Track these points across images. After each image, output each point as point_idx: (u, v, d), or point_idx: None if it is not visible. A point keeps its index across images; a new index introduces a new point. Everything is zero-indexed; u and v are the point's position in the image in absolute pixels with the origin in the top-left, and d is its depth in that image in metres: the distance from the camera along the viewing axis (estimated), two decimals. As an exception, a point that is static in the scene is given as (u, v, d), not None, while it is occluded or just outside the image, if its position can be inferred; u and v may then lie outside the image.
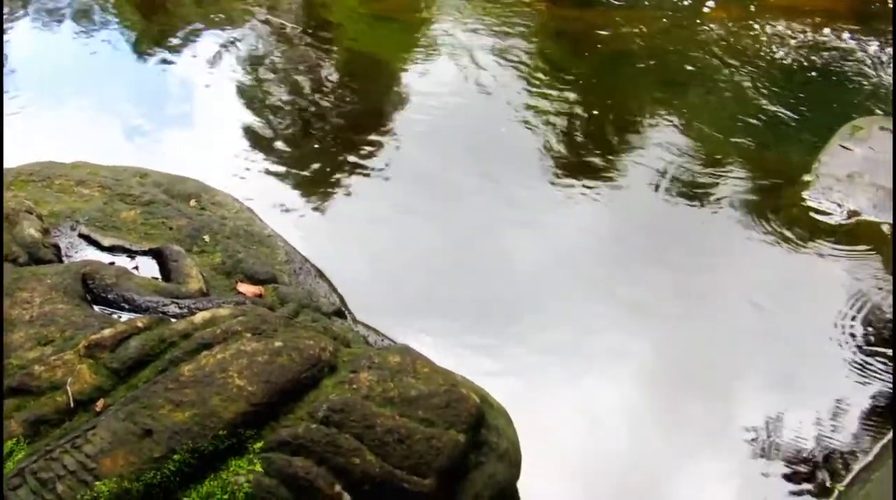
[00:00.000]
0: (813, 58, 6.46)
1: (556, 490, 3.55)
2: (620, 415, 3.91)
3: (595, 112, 5.86)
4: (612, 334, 4.25)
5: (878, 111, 5.86)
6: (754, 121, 5.77)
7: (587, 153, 5.50)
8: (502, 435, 3.11)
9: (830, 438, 3.81)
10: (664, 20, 6.91)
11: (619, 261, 4.68)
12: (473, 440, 2.96)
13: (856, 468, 3.62)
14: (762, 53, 6.47)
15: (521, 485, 3.28)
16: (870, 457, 3.65)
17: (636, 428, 3.88)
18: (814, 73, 6.33)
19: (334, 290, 4.19)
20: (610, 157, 5.46)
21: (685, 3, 7.13)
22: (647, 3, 7.19)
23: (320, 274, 4.23)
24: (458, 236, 4.80)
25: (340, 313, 3.90)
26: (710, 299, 4.47)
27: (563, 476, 3.60)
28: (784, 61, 6.43)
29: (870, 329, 4.30)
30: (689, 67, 6.34)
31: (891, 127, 5.50)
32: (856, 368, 4.10)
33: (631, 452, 3.78)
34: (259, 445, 2.72)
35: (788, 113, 5.88)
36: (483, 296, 4.41)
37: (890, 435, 3.71)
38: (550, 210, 5.01)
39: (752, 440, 3.81)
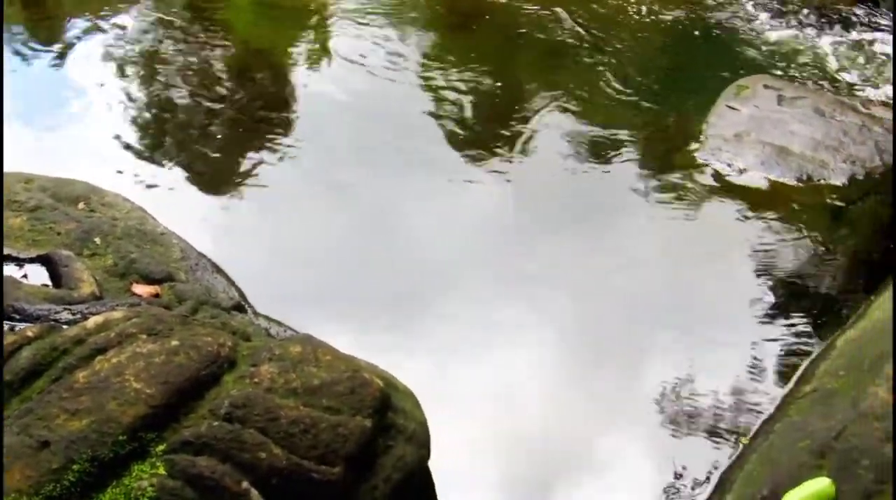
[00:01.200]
0: (697, 19, 6.56)
1: (468, 468, 3.57)
2: (530, 388, 3.93)
3: (498, 85, 5.87)
4: (518, 310, 4.28)
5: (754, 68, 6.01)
6: (645, 86, 5.84)
7: (486, 129, 5.52)
8: (409, 417, 3.12)
9: (733, 395, 3.90)
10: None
11: (520, 236, 4.70)
12: (380, 423, 2.96)
13: (758, 421, 3.71)
14: (649, 18, 6.55)
15: (433, 465, 3.30)
16: (771, 409, 3.73)
17: (545, 400, 3.91)
18: (697, 33, 6.44)
19: (233, 284, 4.12)
20: (508, 131, 5.47)
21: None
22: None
23: (218, 269, 4.16)
24: (357, 223, 4.76)
25: (240, 307, 3.85)
26: (612, 266, 4.51)
27: (474, 453, 3.61)
28: (668, 24, 6.52)
29: (766, 287, 4.41)
30: (578, 35, 6.37)
31: (774, 85, 5.63)
32: (754, 327, 4.20)
33: (541, 424, 3.82)
34: (161, 447, 2.69)
35: (676, 76, 5.99)
36: (386, 280, 4.40)
37: (789, 386, 3.82)
38: (450, 190, 5.02)
39: (658, 402, 3.88)
